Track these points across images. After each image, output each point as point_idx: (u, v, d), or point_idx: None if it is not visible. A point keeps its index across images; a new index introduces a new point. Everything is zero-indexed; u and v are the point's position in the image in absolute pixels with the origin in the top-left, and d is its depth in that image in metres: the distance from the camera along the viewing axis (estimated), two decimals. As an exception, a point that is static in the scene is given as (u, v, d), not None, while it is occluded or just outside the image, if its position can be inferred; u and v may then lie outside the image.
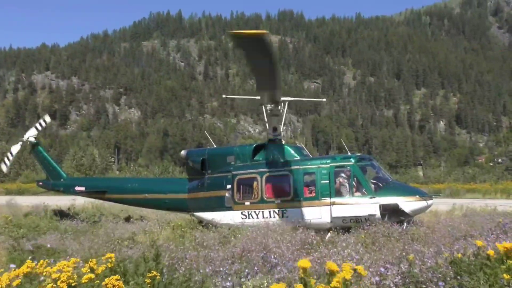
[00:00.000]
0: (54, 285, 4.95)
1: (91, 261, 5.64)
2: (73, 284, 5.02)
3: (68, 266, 5.22)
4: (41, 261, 5.70)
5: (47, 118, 22.00)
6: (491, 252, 6.43)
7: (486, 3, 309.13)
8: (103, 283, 4.97)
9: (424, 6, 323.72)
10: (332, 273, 4.94)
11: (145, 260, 6.05)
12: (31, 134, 21.32)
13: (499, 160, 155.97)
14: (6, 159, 21.12)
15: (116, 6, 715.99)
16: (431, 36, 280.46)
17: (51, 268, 5.32)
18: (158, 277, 5.55)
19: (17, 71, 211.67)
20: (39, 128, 21.46)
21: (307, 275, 5.05)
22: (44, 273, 5.36)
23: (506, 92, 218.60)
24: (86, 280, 5.08)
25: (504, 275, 5.82)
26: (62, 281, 4.96)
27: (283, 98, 17.25)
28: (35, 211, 21.29)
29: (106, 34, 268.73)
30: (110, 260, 5.63)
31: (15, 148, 21.23)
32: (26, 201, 25.56)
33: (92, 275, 5.18)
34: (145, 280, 5.49)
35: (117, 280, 5.00)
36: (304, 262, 5.09)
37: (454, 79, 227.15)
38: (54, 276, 5.07)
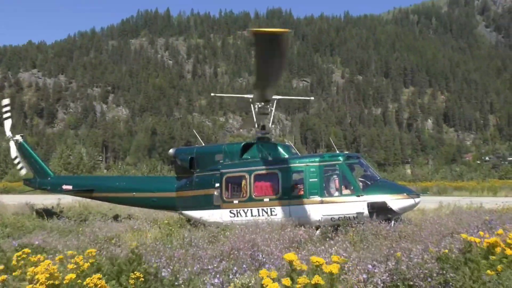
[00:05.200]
0: (35, 286, 4.88)
1: (77, 257, 5.56)
2: (56, 283, 4.96)
3: (52, 265, 5.15)
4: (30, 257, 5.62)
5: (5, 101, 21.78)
6: (474, 239, 6.49)
7: (473, 2, 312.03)
8: (85, 282, 4.92)
9: (412, 5, 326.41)
10: (317, 267, 4.90)
11: (129, 261, 6.00)
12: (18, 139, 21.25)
13: (486, 158, 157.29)
14: (18, 165, 21.02)
15: (103, 4, 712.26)
16: (419, 34, 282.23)
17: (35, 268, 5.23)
18: (141, 278, 5.52)
19: (3, 68, 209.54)
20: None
21: (294, 268, 5.03)
22: (28, 273, 5.27)
23: (493, 91, 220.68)
24: (68, 281, 5.01)
25: (488, 271, 5.87)
26: (41, 283, 4.88)
27: (274, 97, 17.29)
28: (21, 210, 21.09)
29: (94, 32, 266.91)
30: (91, 254, 5.56)
31: (13, 150, 21.13)
32: (12, 200, 25.32)
33: (73, 275, 5.10)
34: (129, 280, 5.46)
35: (98, 279, 4.96)
36: (291, 256, 5.07)
37: (441, 78, 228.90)
38: (38, 277, 4.99)
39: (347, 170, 15.76)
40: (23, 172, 20.99)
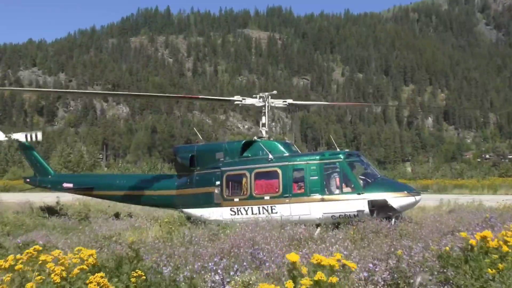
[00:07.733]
0: (45, 277, 4.91)
1: (81, 253, 5.53)
2: (64, 276, 4.98)
3: (61, 254, 5.17)
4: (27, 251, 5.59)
5: (39, 136, 21.84)
6: (473, 241, 6.48)
7: (473, 0, 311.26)
8: (88, 281, 4.91)
9: (412, 3, 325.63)
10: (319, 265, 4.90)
11: (129, 259, 5.98)
12: (18, 138, 21.35)
13: (486, 156, 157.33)
14: None
15: (104, 2, 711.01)
16: (419, 32, 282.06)
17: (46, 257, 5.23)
18: (143, 276, 5.50)
19: (3, 67, 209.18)
20: (29, 140, 21.31)
21: (296, 268, 4.99)
22: (40, 262, 5.25)
23: (493, 89, 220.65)
24: (76, 274, 5.02)
25: (489, 269, 5.87)
26: (56, 274, 4.91)
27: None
28: (22, 208, 21.10)
29: (94, 30, 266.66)
30: (92, 256, 5.54)
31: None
32: (12, 198, 25.33)
33: (77, 271, 5.11)
34: (131, 279, 5.44)
35: (101, 277, 4.95)
36: (293, 256, 5.03)
37: (441, 76, 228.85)
38: (49, 265, 5.01)
39: (348, 168, 15.75)
40: None
